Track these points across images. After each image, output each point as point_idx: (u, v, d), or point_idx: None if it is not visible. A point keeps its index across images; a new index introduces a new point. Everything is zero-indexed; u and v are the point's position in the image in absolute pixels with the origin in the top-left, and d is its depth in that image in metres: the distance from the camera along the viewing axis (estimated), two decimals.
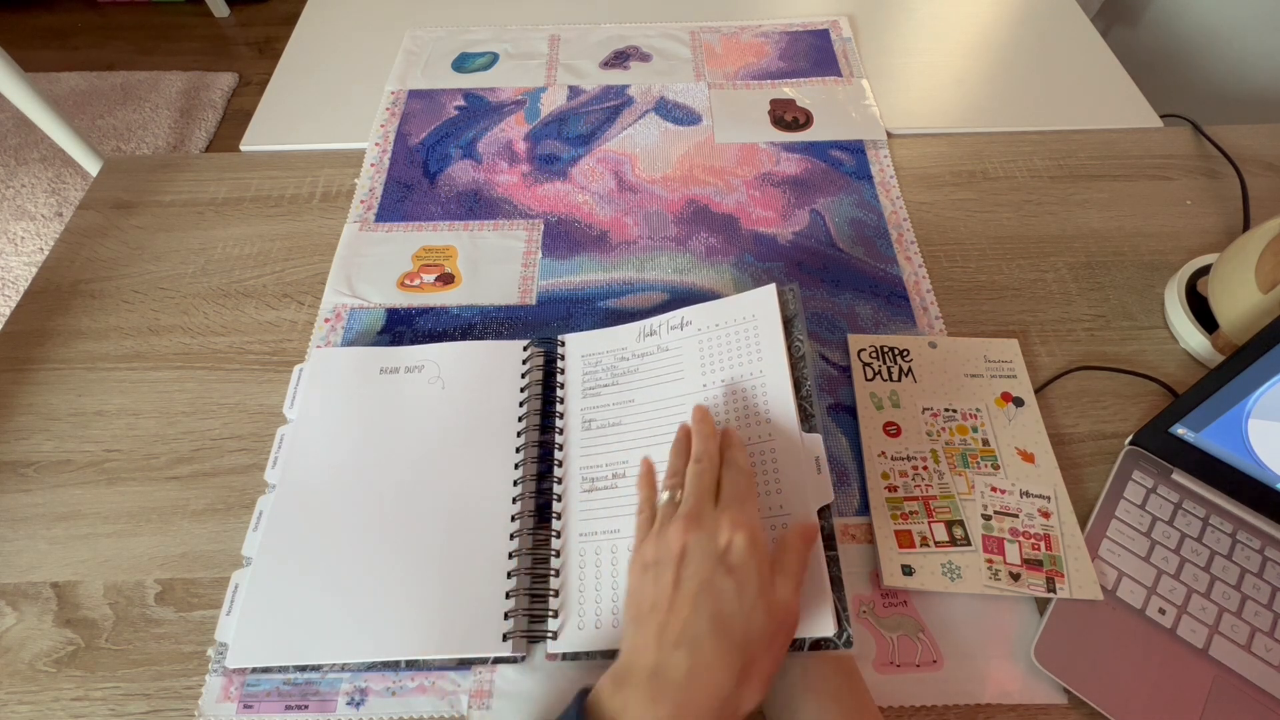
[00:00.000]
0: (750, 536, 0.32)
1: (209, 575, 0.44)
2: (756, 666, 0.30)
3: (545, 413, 0.48)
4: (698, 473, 0.36)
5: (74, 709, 0.40)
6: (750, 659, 0.30)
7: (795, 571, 0.33)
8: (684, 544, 0.32)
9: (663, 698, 0.29)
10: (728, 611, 0.30)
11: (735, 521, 0.32)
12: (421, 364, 0.50)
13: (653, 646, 0.30)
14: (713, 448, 0.38)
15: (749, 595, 0.30)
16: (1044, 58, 0.76)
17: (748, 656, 0.30)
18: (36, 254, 1.47)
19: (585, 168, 0.66)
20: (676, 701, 0.28)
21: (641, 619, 0.32)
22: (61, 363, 0.54)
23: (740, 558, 0.31)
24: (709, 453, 0.37)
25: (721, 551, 0.32)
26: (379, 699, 0.40)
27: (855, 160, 0.66)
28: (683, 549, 0.32)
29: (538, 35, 0.80)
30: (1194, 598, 0.42)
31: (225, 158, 0.68)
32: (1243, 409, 0.41)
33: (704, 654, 0.29)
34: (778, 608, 0.31)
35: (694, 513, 0.33)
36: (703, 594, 0.31)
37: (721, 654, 0.29)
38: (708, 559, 0.31)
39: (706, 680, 0.29)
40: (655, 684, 0.29)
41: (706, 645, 0.29)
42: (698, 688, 0.29)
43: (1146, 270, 0.58)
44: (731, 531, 0.32)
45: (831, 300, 0.56)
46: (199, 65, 1.89)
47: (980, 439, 0.48)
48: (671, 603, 0.31)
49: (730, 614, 0.30)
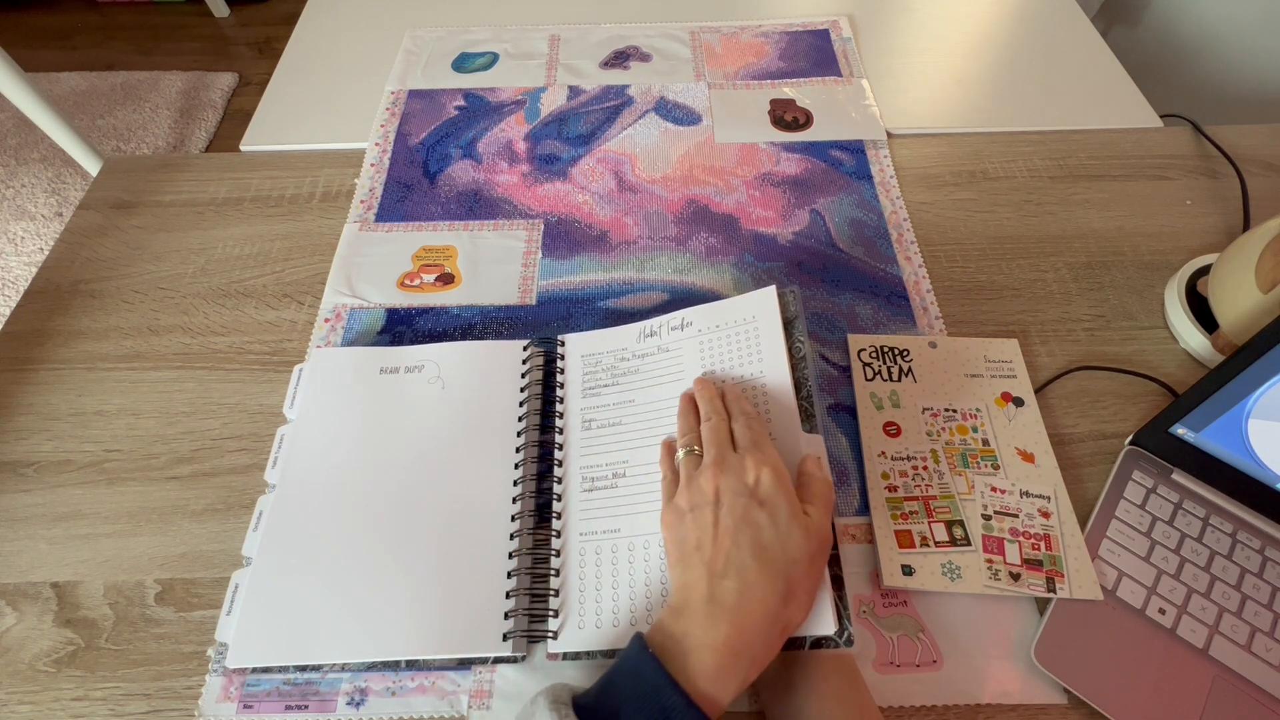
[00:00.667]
0: (775, 471, 0.35)
1: (209, 575, 0.44)
2: (800, 585, 0.33)
3: (545, 413, 0.48)
4: (712, 427, 0.39)
5: (74, 709, 0.40)
6: (793, 579, 0.33)
7: (822, 495, 0.37)
8: (716, 486, 0.35)
9: (720, 619, 0.32)
10: (766, 539, 0.33)
11: (759, 460, 0.36)
12: (421, 364, 0.50)
13: (704, 578, 0.33)
14: (719, 404, 0.41)
15: (782, 522, 0.34)
16: (1044, 58, 0.76)
17: (790, 577, 0.33)
18: (36, 254, 1.47)
19: (585, 168, 0.66)
20: (732, 622, 0.31)
21: (687, 558, 0.35)
22: (61, 363, 0.54)
23: (769, 491, 0.35)
24: (716, 409, 0.41)
25: (751, 488, 0.35)
26: (379, 699, 0.40)
27: (855, 160, 0.66)
28: (716, 491, 0.35)
29: (538, 35, 0.80)
30: (1194, 598, 0.42)
31: (225, 158, 0.68)
32: (1243, 409, 0.41)
33: (750, 578, 0.32)
34: (812, 530, 0.34)
35: (719, 458, 0.37)
36: (742, 527, 0.34)
37: (766, 577, 0.32)
38: (740, 496, 0.34)
39: (756, 601, 0.32)
40: (711, 609, 0.32)
41: (751, 571, 0.32)
42: (749, 608, 0.32)
43: (1146, 270, 0.58)
44: (757, 469, 0.35)
45: (831, 300, 0.56)
46: (199, 65, 1.89)
47: (980, 439, 0.48)
48: (715, 539, 0.34)
49: (768, 541, 0.33)
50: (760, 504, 0.34)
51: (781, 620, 0.32)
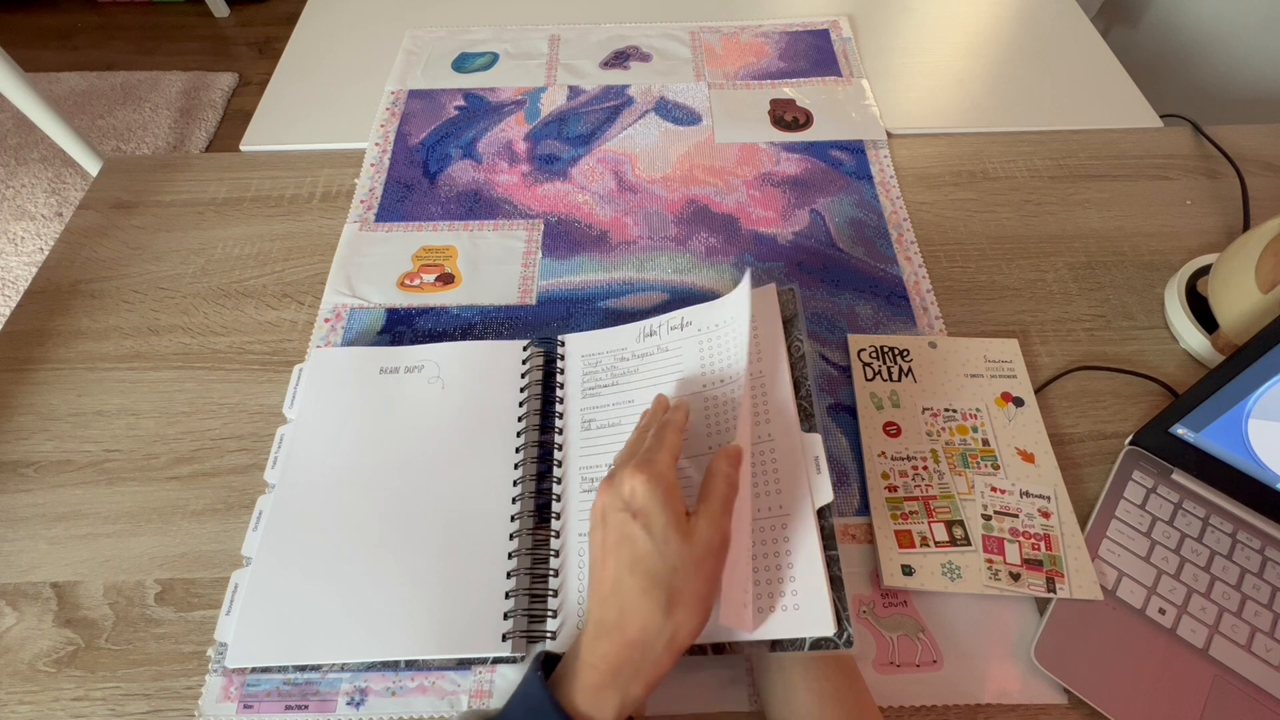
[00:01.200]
0: (649, 479, 0.34)
1: (209, 575, 0.44)
2: (684, 592, 0.32)
3: (545, 413, 0.48)
4: (626, 443, 0.40)
5: (74, 709, 0.40)
6: (674, 588, 0.32)
7: (718, 494, 0.35)
8: (602, 506, 0.35)
9: (602, 637, 0.32)
10: (642, 552, 0.32)
11: (634, 470, 0.34)
12: (421, 364, 0.50)
13: (593, 601, 0.34)
14: (654, 419, 0.40)
15: (658, 531, 0.33)
16: (1044, 58, 0.76)
17: (671, 587, 0.32)
18: (36, 254, 1.47)
19: (585, 168, 0.66)
20: (612, 639, 0.32)
21: (588, 584, 0.36)
22: (61, 363, 0.54)
23: (642, 500, 0.33)
24: (641, 425, 0.41)
25: (628, 500, 0.34)
26: (379, 699, 0.40)
27: (855, 160, 0.66)
28: (602, 511, 0.35)
29: (538, 35, 0.80)
30: (1194, 598, 0.42)
31: (225, 158, 0.68)
32: (1243, 409, 0.41)
33: (629, 596, 0.32)
34: (693, 534, 0.33)
35: (608, 477, 0.36)
36: (621, 544, 0.33)
37: (642, 591, 0.32)
38: (618, 512, 0.34)
39: (634, 616, 0.32)
40: (596, 629, 0.33)
41: (628, 587, 0.32)
42: (627, 625, 0.32)
43: (1146, 270, 0.58)
44: (632, 480, 0.34)
45: (831, 300, 0.56)
46: (199, 65, 1.89)
47: (980, 439, 0.48)
48: (602, 560, 0.34)
49: (644, 554, 0.32)
50: (634, 516, 0.33)
51: (667, 631, 0.32)
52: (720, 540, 0.34)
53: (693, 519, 0.34)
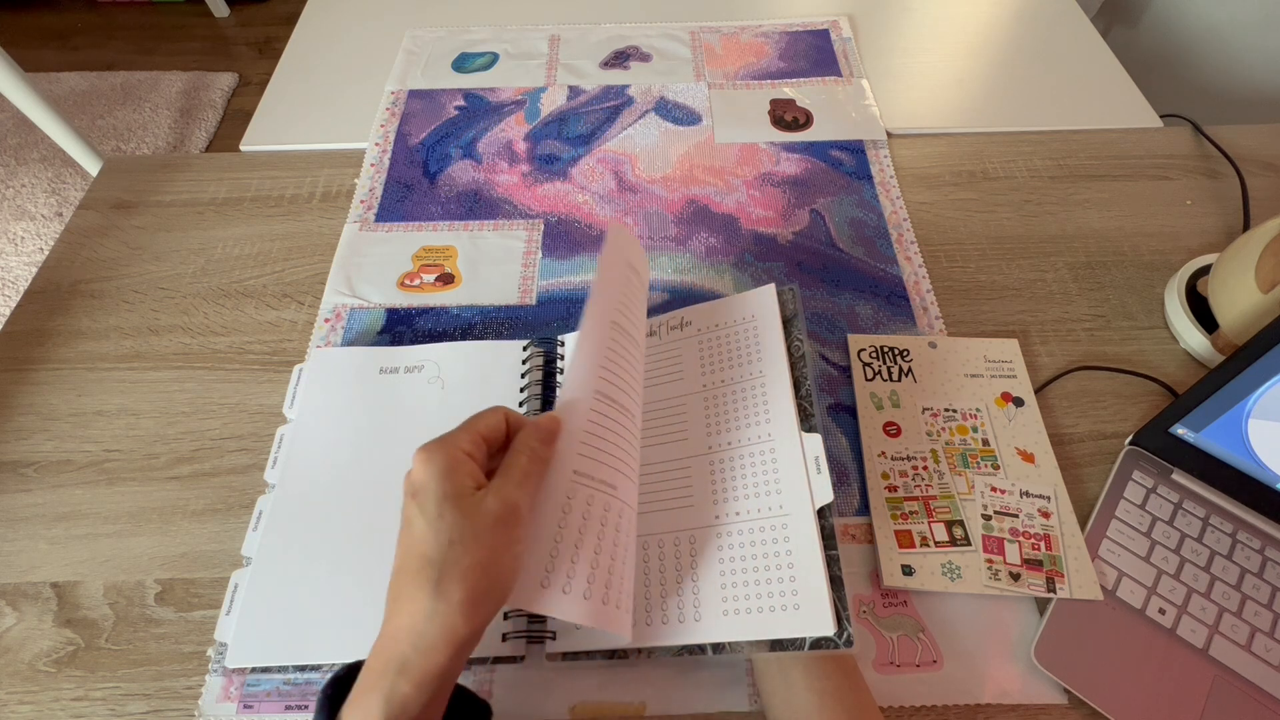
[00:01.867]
0: (426, 455, 0.31)
1: (209, 575, 0.44)
2: (459, 566, 0.29)
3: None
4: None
5: (74, 709, 0.40)
6: (447, 563, 0.29)
7: (517, 467, 0.33)
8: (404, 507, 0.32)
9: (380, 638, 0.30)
10: (417, 533, 0.30)
11: (419, 450, 0.32)
12: (421, 364, 0.50)
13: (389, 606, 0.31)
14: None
15: (431, 507, 0.30)
16: (1044, 58, 0.76)
17: (445, 563, 0.29)
18: (36, 254, 1.47)
19: (585, 168, 0.66)
20: (382, 634, 0.30)
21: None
22: (61, 363, 0.54)
23: (418, 479, 0.31)
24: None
25: (412, 483, 0.32)
26: None
27: (855, 160, 0.66)
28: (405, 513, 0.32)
29: (538, 35, 0.80)
30: (1194, 598, 0.42)
31: (225, 158, 0.68)
32: (1243, 409, 0.41)
33: (400, 581, 0.30)
34: (477, 506, 0.30)
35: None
36: (401, 533, 0.31)
37: (414, 573, 0.29)
38: (405, 499, 0.32)
39: (404, 603, 0.29)
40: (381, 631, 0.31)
41: (400, 571, 0.30)
42: (398, 613, 0.29)
43: (1146, 270, 0.58)
44: (415, 461, 0.32)
45: (831, 300, 0.56)
46: (199, 65, 1.89)
47: (980, 439, 0.48)
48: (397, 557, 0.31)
49: (419, 534, 0.30)
50: (412, 496, 0.31)
51: (439, 613, 0.29)
52: (505, 510, 0.31)
53: (481, 491, 0.31)
